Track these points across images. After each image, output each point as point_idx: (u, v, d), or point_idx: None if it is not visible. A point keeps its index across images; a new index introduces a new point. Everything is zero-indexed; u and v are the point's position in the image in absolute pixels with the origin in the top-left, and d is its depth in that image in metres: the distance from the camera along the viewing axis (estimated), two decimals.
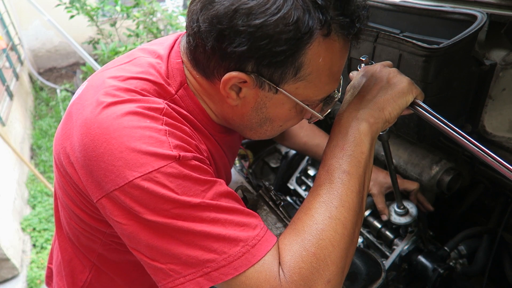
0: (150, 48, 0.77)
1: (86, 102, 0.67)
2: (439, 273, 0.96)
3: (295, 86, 0.65)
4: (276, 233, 0.90)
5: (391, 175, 0.95)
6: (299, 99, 0.66)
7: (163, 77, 0.71)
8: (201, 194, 0.61)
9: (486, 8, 0.96)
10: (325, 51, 0.62)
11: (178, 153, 0.61)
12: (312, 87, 0.66)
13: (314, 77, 0.64)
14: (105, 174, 0.61)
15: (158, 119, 0.64)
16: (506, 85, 0.97)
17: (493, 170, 1.07)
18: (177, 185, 0.60)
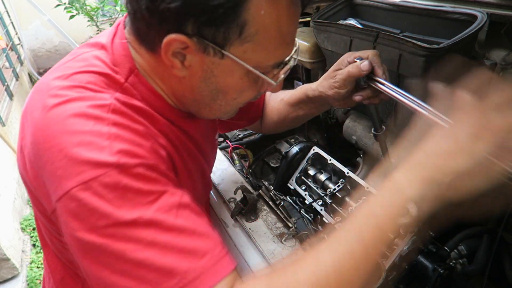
0: (92, 41, 0.72)
1: (33, 109, 0.63)
2: (439, 273, 0.96)
3: (242, 49, 0.58)
4: (276, 233, 0.91)
5: None
6: (249, 64, 0.60)
7: (109, 66, 0.65)
8: (143, 208, 0.55)
9: (486, 8, 0.96)
10: (270, 6, 0.55)
11: (118, 160, 0.55)
12: (261, 49, 0.60)
13: (261, 37, 0.58)
14: (49, 185, 0.57)
15: (103, 120, 0.58)
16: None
17: None
18: (114, 197, 0.54)
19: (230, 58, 0.59)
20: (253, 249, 0.89)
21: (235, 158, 1.49)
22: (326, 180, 1.35)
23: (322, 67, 1.42)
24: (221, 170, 1.18)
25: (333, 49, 1.19)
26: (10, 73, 4.39)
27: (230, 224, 0.97)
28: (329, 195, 1.27)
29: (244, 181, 1.12)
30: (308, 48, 1.38)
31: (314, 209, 1.33)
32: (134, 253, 0.53)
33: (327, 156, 1.36)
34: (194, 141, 0.79)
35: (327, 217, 1.28)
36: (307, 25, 1.56)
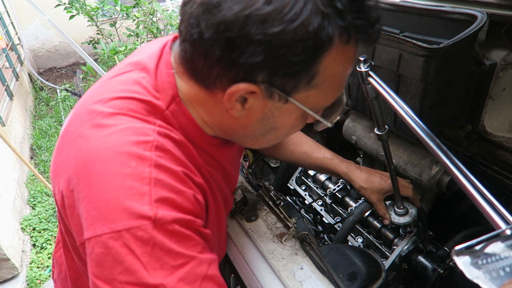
0: (134, 60, 0.70)
1: (75, 135, 0.62)
2: (439, 273, 0.96)
3: (307, 94, 0.58)
4: (276, 233, 0.91)
5: (391, 175, 0.95)
6: (308, 107, 0.60)
7: (151, 93, 0.64)
8: (169, 271, 0.53)
9: (486, 8, 0.96)
10: (341, 56, 0.56)
11: (155, 213, 0.54)
12: (323, 94, 0.60)
13: (326, 84, 0.58)
14: (83, 220, 0.56)
15: (146, 160, 0.57)
16: (506, 85, 0.97)
17: (491, 170, 1.07)
18: (143, 253, 0.52)
19: (293, 103, 0.59)
20: (253, 249, 0.89)
21: None
22: (326, 180, 1.35)
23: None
24: None
25: None
26: (10, 73, 4.39)
27: (230, 224, 0.97)
28: (329, 195, 1.27)
29: (244, 181, 1.12)
30: None
31: (314, 209, 1.33)
32: None
33: None
34: (222, 168, 0.77)
35: (327, 217, 1.28)
36: None
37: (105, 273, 0.53)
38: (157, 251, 0.53)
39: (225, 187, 0.81)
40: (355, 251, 0.87)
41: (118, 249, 0.52)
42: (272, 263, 0.83)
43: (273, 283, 0.81)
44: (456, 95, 1.01)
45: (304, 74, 0.55)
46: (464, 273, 0.49)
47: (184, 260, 0.55)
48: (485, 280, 0.47)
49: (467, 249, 0.50)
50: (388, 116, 1.11)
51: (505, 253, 0.50)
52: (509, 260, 0.49)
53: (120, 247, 0.52)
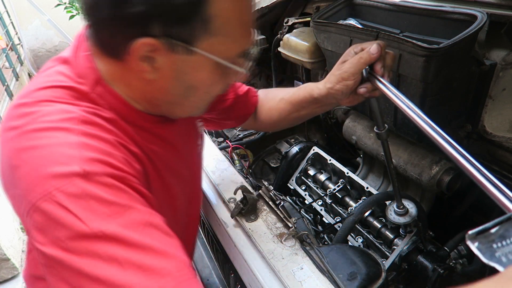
0: (56, 56, 0.71)
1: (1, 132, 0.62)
2: (439, 273, 0.96)
3: (210, 43, 0.59)
4: (276, 233, 0.91)
5: (391, 175, 0.95)
6: (217, 56, 0.61)
7: (74, 79, 0.65)
8: (106, 220, 0.52)
9: (486, 8, 0.96)
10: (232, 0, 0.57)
11: (84, 168, 0.54)
12: (227, 41, 0.61)
13: (227, 29, 0.59)
14: (19, 200, 0.56)
15: (73, 131, 0.58)
16: (506, 85, 0.97)
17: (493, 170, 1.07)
18: (78, 206, 0.52)
19: (199, 53, 0.59)
20: (253, 249, 0.89)
21: (235, 158, 1.49)
22: (326, 180, 1.35)
23: (322, 67, 1.42)
24: (221, 170, 1.18)
25: (333, 49, 1.19)
26: (10, 73, 4.39)
27: (230, 224, 0.97)
28: (329, 195, 1.27)
29: (244, 181, 1.12)
30: (308, 48, 1.38)
31: (314, 209, 1.33)
32: (92, 269, 0.51)
33: (327, 156, 1.36)
34: (171, 146, 0.77)
35: (327, 217, 1.28)
36: (307, 25, 1.56)
37: (48, 238, 0.52)
38: (92, 203, 0.53)
39: (180, 167, 0.80)
40: (355, 251, 0.87)
41: (53, 210, 0.52)
42: (272, 263, 0.83)
43: (273, 283, 0.81)
44: (456, 95, 1.01)
45: (196, 19, 0.56)
46: (479, 257, 0.48)
47: (122, 209, 0.54)
48: (501, 263, 0.46)
49: (480, 234, 0.49)
50: (388, 116, 1.12)
51: None
52: None
53: (54, 207, 0.52)
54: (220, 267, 1.20)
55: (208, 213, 1.11)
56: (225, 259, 1.06)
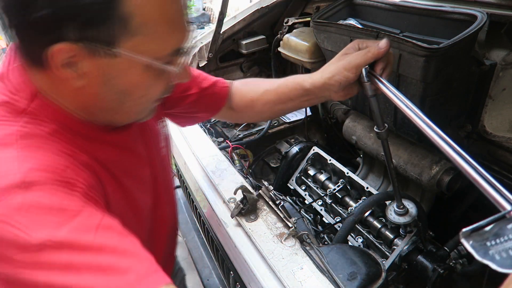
0: None
1: None
2: (439, 273, 0.96)
3: (133, 43, 0.55)
4: (276, 233, 0.91)
5: (391, 174, 0.95)
6: (145, 57, 0.57)
7: (8, 95, 0.61)
8: (55, 227, 0.49)
9: (486, 8, 0.96)
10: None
11: (23, 179, 0.51)
12: (154, 40, 0.57)
13: (150, 27, 0.55)
14: None
15: (12, 145, 0.55)
16: (506, 85, 0.97)
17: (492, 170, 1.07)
18: (21, 219, 0.49)
19: (123, 55, 0.56)
20: (253, 249, 0.89)
21: (235, 158, 1.49)
22: (326, 180, 1.35)
23: (322, 67, 1.42)
24: (221, 170, 1.18)
25: (333, 49, 1.19)
26: None
27: (230, 224, 0.97)
28: (329, 195, 1.28)
29: (244, 181, 1.12)
30: (308, 48, 1.38)
31: (314, 209, 1.33)
32: (48, 279, 0.48)
33: (327, 156, 1.36)
34: (128, 152, 0.74)
35: (327, 217, 1.28)
36: (307, 25, 1.56)
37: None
38: (35, 213, 0.50)
39: (141, 172, 0.78)
40: (355, 251, 0.87)
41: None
42: (272, 263, 0.83)
43: (273, 283, 0.81)
44: (456, 95, 1.01)
45: (112, 19, 0.52)
46: (473, 255, 0.48)
47: (71, 214, 0.51)
48: (494, 261, 0.47)
49: (474, 231, 0.49)
50: (388, 116, 1.12)
51: None
52: None
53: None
54: (220, 267, 1.20)
55: (208, 213, 1.11)
56: (225, 259, 1.06)
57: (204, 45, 1.66)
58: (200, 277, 1.47)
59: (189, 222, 1.74)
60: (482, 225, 0.50)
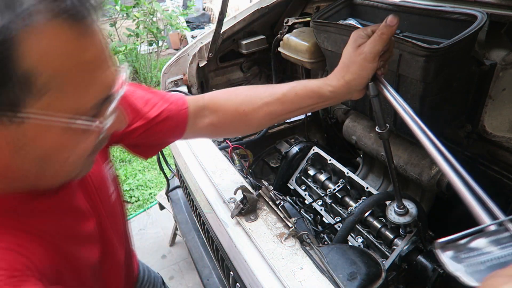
0: None
1: None
2: (439, 273, 0.96)
3: (43, 103, 0.47)
4: (276, 233, 0.91)
5: (392, 174, 0.95)
6: (62, 116, 0.49)
7: None
8: None
9: (486, 8, 0.96)
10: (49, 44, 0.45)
11: None
12: (69, 95, 0.49)
13: (61, 82, 0.47)
14: None
15: None
16: (506, 85, 0.97)
17: (492, 170, 1.07)
18: None
19: (33, 118, 0.47)
20: (253, 249, 0.89)
21: (235, 158, 1.49)
22: (326, 180, 1.35)
23: (322, 67, 1.42)
24: (221, 170, 1.18)
25: (333, 49, 1.19)
26: None
27: (230, 224, 0.97)
28: (329, 195, 1.28)
29: (244, 181, 1.12)
30: (308, 48, 1.38)
31: (314, 209, 1.33)
32: None
33: (327, 156, 1.36)
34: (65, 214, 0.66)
35: (327, 217, 1.28)
36: (307, 25, 1.56)
37: None
38: None
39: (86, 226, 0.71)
40: (355, 251, 0.87)
41: None
42: (272, 263, 0.83)
43: (273, 283, 0.81)
44: (456, 95, 1.01)
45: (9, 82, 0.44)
46: (445, 266, 0.50)
47: None
48: (465, 274, 0.48)
49: (449, 243, 0.51)
50: (388, 116, 1.12)
51: (487, 248, 0.50)
52: (491, 255, 0.49)
53: None
54: (220, 267, 1.20)
55: (208, 213, 1.11)
56: (225, 259, 1.07)
57: (204, 45, 1.66)
58: (200, 277, 1.47)
59: (189, 222, 1.74)
60: (457, 237, 0.51)
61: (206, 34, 1.70)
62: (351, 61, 0.80)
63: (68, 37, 0.46)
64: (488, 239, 0.50)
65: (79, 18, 0.46)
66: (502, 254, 0.49)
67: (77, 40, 0.47)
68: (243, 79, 1.90)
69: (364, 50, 0.78)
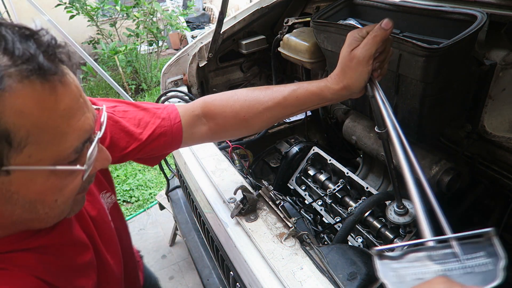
0: None
1: None
2: None
3: (24, 156, 0.51)
4: (276, 233, 0.91)
5: (391, 174, 0.95)
6: (44, 164, 0.53)
7: None
8: None
9: (486, 8, 0.96)
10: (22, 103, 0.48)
11: None
12: (48, 146, 0.52)
13: (38, 136, 0.51)
14: None
15: None
16: (506, 85, 0.97)
17: (493, 170, 1.07)
18: None
19: (18, 170, 0.52)
20: (253, 249, 0.89)
21: (235, 158, 1.49)
22: (326, 180, 1.35)
23: (322, 67, 1.42)
24: (221, 170, 1.18)
25: (333, 49, 1.19)
26: None
27: (230, 224, 0.97)
28: (329, 195, 1.28)
29: (244, 181, 1.12)
30: (308, 48, 1.38)
31: (314, 209, 1.33)
32: None
33: (327, 156, 1.36)
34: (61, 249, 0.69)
35: (327, 217, 1.28)
36: (307, 25, 1.56)
37: None
38: None
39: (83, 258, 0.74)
40: (355, 251, 0.87)
41: None
42: (272, 263, 0.83)
43: (273, 283, 0.81)
44: (456, 95, 1.01)
45: None
46: (377, 272, 0.52)
47: None
48: (391, 283, 0.50)
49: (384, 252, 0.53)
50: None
51: (419, 262, 0.52)
52: (420, 269, 0.51)
53: None
54: (220, 267, 1.20)
55: (208, 213, 1.11)
56: (225, 259, 1.06)
57: (204, 45, 1.66)
58: (200, 277, 1.47)
59: (189, 222, 1.74)
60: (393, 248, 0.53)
61: (206, 34, 1.70)
62: (346, 65, 0.80)
63: (40, 94, 0.49)
64: (423, 253, 0.52)
65: (49, 74, 0.50)
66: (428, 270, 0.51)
67: (49, 95, 0.50)
68: (243, 79, 1.90)
69: (357, 54, 0.78)
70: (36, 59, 0.49)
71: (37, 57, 0.49)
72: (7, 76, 0.47)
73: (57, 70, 0.51)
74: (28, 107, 0.49)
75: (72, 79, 0.55)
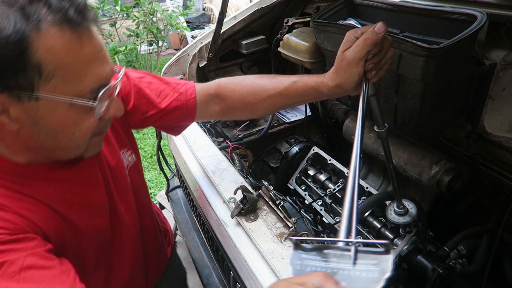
0: None
1: None
2: (438, 273, 0.96)
3: (51, 86, 0.62)
4: (276, 233, 0.91)
5: (391, 174, 0.95)
6: (66, 97, 0.64)
7: None
8: None
9: (486, 8, 0.96)
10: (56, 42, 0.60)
11: None
12: (70, 81, 0.64)
13: (63, 70, 0.62)
14: None
15: None
16: (506, 85, 0.97)
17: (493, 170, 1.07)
18: None
19: (45, 97, 0.63)
20: (253, 249, 0.89)
21: (235, 158, 1.49)
22: (326, 180, 1.35)
23: (322, 67, 1.42)
24: (221, 170, 1.18)
25: (333, 49, 1.19)
26: None
27: (230, 224, 0.97)
28: (329, 195, 1.28)
29: (244, 181, 1.12)
30: (308, 48, 1.38)
31: (314, 209, 1.33)
32: None
33: (327, 156, 1.36)
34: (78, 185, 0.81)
35: (327, 217, 1.28)
36: (307, 25, 1.56)
37: None
38: None
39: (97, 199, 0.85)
40: None
41: None
42: (272, 263, 0.83)
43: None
44: (456, 95, 1.01)
45: (26, 68, 0.59)
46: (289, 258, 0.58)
47: None
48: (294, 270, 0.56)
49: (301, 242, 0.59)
50: (388, 116, 1.12)
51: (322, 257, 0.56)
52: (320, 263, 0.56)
53: None
54: (220, 267, 1.20)
55: (208, 213, 1.11)
56: (225, 259, 1.06)
57: (204, 45, 1.66)
58: (200, 277, 1.47)
59: (189, 222, 1.74)
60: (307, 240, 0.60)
61: (206, 34, 1.70)
62: (339, 65, 0.82)
63: (68, 39, 0.61)
64: (329, 251, 0.57)
65: (77, 25, 0.62)
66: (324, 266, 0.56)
67: (75, 42, 0.62)
68: None
69: (347, 56, 0.79)
70: (68, 12, 0.60)
71: (69, 10, 0.61)
72: (44, 21, 0.59)
73: (84, 23, 0.63)
74: (57, 48, 0.60)
75: (96, 34, 0.66)
